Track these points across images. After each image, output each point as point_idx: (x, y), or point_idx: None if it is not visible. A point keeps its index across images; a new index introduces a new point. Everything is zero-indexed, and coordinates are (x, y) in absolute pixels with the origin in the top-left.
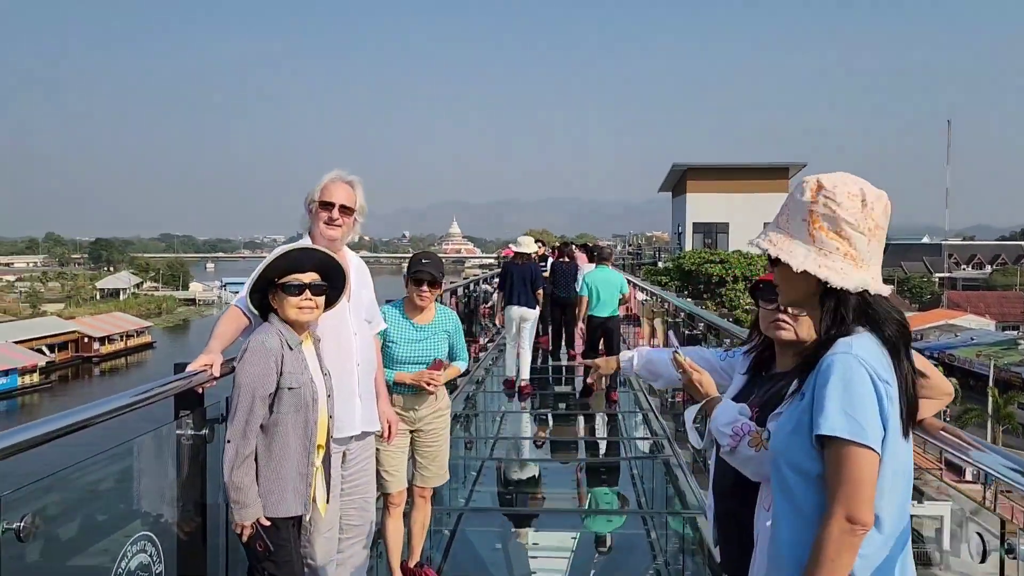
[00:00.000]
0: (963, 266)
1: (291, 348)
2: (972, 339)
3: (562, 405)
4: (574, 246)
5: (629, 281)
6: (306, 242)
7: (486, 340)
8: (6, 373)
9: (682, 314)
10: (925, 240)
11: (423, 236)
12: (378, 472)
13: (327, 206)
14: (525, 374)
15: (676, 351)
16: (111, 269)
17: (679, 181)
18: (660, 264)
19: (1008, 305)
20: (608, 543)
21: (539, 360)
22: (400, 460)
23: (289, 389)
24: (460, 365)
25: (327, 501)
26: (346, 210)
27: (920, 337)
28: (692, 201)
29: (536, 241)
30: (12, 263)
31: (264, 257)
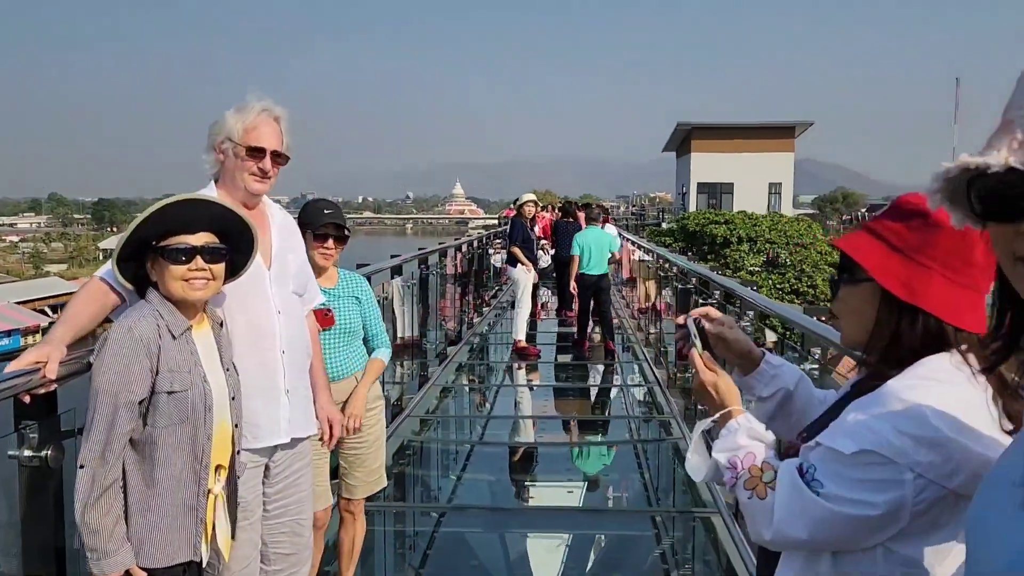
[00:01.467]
0: None
1: (173, 337)
2: None
3: (563, 376)
4: (576, 206)
5: (628, 240)
6: (210, 194)
7: (490, 296)
8: (8, 334)
9: (693, 279)
10: None
11: (427, 197)
12: None
13: (256, 153)
14: (521, 334)
15: (692, 338)
16: (114, 229)
17: (684, 141)
18: (664, 225)
19: None
20: (610, 545)
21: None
22: (321, 470)
23: (169, 393)
24: (381, 355)
25: (232, 538)
26: (279, 158)
27: None
28: (697, 161)
29: (528, 203)
30: (15, 223)
31: None
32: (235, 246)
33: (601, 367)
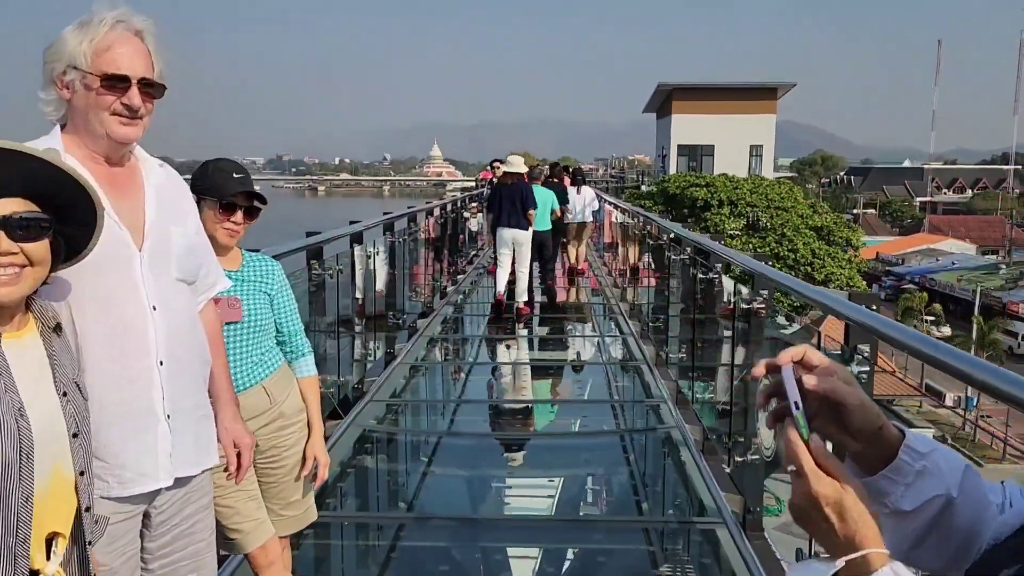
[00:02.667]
0: (944, 190)
1: None
2: (953, 264)
3: (542, 350)
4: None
5: (608, 202)
6: (53, 144)
7: (464, 263)
8: None
9: (665, 237)
10: (906, 164)
11: (404, 158)
12: (221, 528)
13: (116, 84)
14: (523, 296)
15: (793, 411)
16: None
17: (664, 102)
18: (644, 188)
19: (989, 229)
20: (594, 561)
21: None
22: (251, 498)
23: None
24: (310, 368)
25: None
26: (151, 89)
27: (902, 262)
28: (677, 122)
29: (494, 163)
30: None
31: None
32: (67, 216)
33: (584, 341)
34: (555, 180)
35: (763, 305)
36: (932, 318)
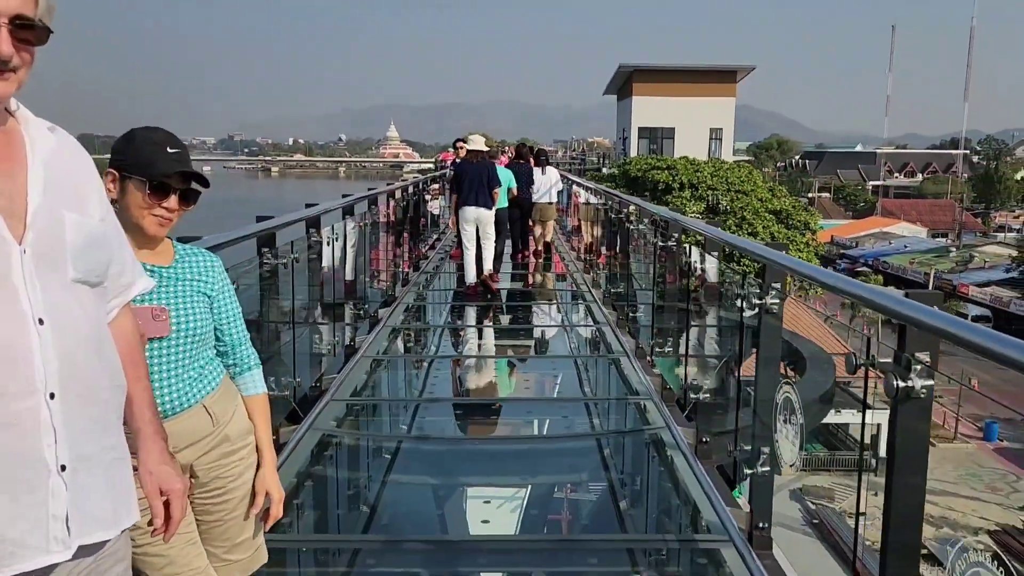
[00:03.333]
0: (896, 174)
1: None
2: (905, 247)
3: (512, 338)
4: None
5: (575, 182)
6: None
7: (427, 247)
8: None
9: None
10: (859, 148)
11: (360, 139)
12: None
13: None
14: (489, 265)
15: None
16: None
17: (625, 84)
18: (605, 170)
19: (939, 213)
20: None
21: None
22: (188, 542)
23: None
24: (251, 383)
25: None
26: (28, 30)
27: (855, 245)
28: (638, 104)
29: (458, 143)
30: None
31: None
32: None
33: (556, 331)
34: (521, 161)
35: (777, 301)
36: None
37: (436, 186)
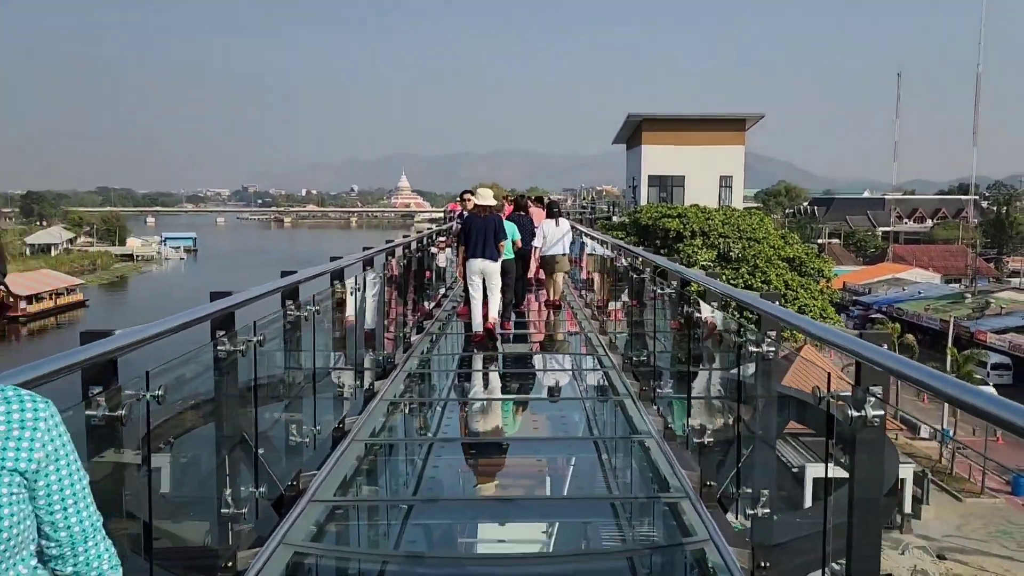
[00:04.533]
0: (905, 220)
1: None
2: (919, 293)
3: (517, 388)
4: (528, 200)
5: (585, 234)
6: None
7: (432, 305)
8: None
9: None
10: (867, 194)
11: (372, 189)
12: None
13: None
14: (494, 314)
15: None
16: (43, 224)
17: (634, 132)
18: (615, 219)
19: (952, 258)
20: None
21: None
22: None
23: None
24: None
25: None
26: None
27: (868, 291)
28: (648, 153)
29: (465, 195)
30: None
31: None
32: None
33: (570, 405)
34: (521, 213)
35: (772, 348)
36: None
37: (443, 239)
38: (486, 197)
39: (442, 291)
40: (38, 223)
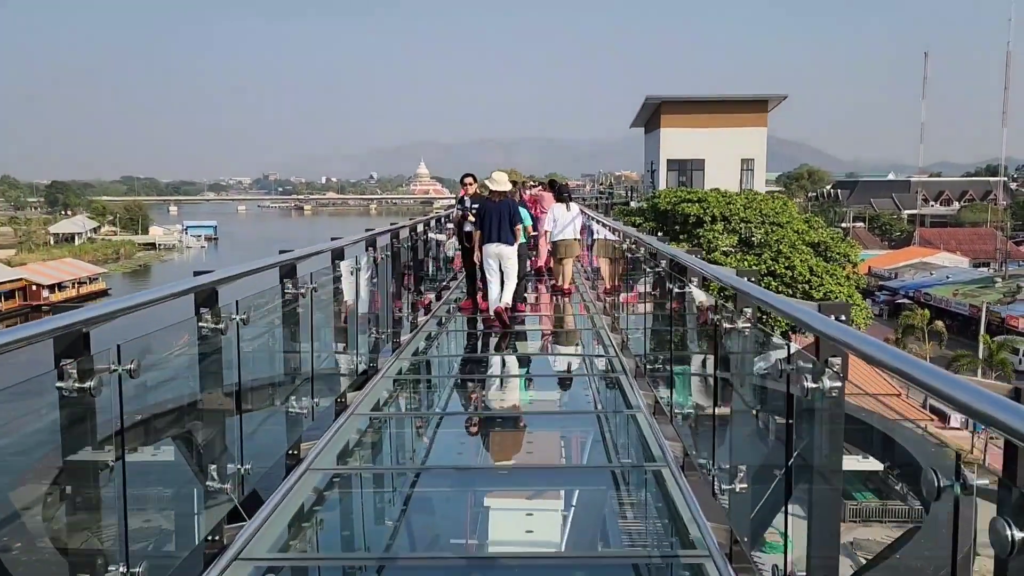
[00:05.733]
0: (931, 203)
1: None
2: (948, 277)
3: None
4: (540, 184)
5: (594, 219)
6: None
7: (433, 295)
8: None
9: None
10: (891, 177)
11: (391, 177)
12: None
13: None
14: (508, 299)
15: None
16: (68, 213)
17: (653, 115)
18: (633, 204)
19: (980, 242)
20: None
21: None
22: None
23: None
24: None
25: None
26: None
27: (895, 276)
28: (666, 136)
29: (465, 179)
30: None
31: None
32: None
33: (572, 383)
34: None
35: (837, 384)
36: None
37: (451, 226)
38: (501, 182)
39: (442, 283)
40: (63, 212)
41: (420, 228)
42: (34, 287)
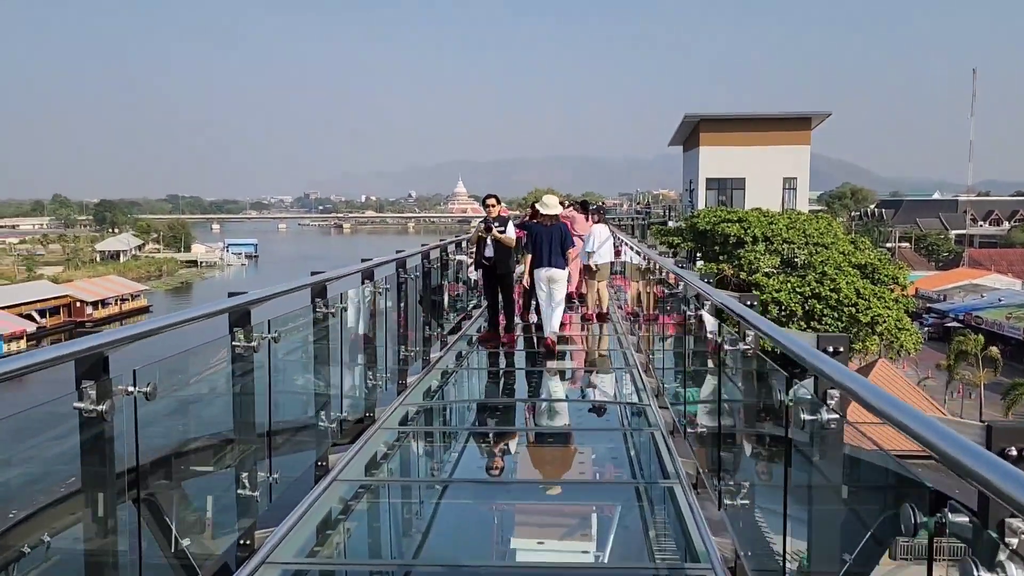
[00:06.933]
0: (980, 223)
1: None
2: (1000, 300)
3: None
4: (572, 204)
5: (623, 241)
6: None
7: (451, 327)
8: None
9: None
10: (936, 196)
11: (429, 195)
12: None
13: None
14: (555, 326)
15: None
16: (114, 231)
17: (691, 134)
18: (671, 223)
19: None
20: None
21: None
22: None
23: None
24: None
25: None
26: None
27: (944, 298)
28: (706, 155)
29: (488, 200)
30: (17, 225)
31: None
32: None
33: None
34: (534, 220)
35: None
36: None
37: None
38: (551, 206)
39: (460, 315)
40: (110, 230)
41: (434, 255)
42: (78, 303)
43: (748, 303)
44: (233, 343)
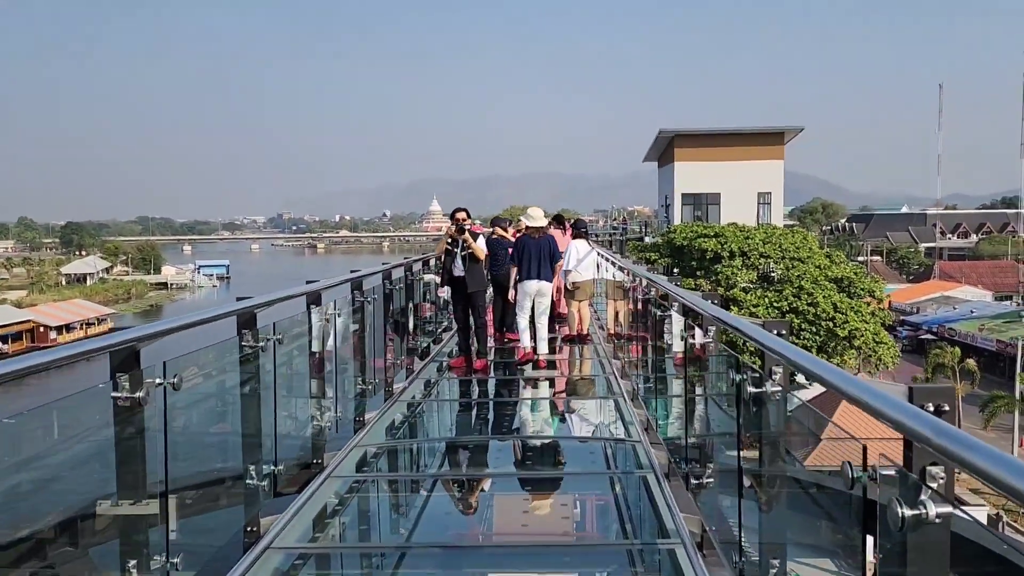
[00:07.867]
0: (948, 235)
1: None
2: (972, 312)
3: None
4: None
5: (604, 257)
6: None
7: (413, 356)
8: None
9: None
10: (905, 210)
11: (404, 214)
12: None
13: None
14: (543, 348)
15: None
16: (82, 253)
17: (666, 149)
18: (647, 239)
19: (1002, 275)
20: None
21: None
22: None
23: None
24: None
25: None
26: None
27: (916, 310)
28: (680, 170)
29: (458, 213)
30: None
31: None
32: None
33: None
34: (496, 236)
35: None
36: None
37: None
38: (537, 218)
39: (428, 340)
40: (77, 253)
41: (397, 274)
42: (41, 328)
43: (776, 331)
44: (113, 394)
